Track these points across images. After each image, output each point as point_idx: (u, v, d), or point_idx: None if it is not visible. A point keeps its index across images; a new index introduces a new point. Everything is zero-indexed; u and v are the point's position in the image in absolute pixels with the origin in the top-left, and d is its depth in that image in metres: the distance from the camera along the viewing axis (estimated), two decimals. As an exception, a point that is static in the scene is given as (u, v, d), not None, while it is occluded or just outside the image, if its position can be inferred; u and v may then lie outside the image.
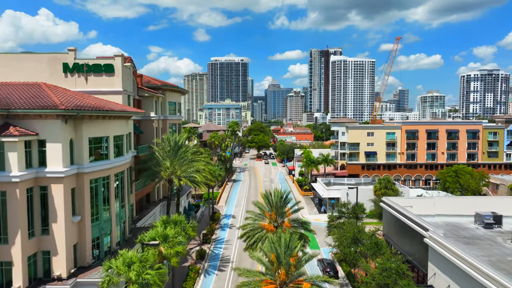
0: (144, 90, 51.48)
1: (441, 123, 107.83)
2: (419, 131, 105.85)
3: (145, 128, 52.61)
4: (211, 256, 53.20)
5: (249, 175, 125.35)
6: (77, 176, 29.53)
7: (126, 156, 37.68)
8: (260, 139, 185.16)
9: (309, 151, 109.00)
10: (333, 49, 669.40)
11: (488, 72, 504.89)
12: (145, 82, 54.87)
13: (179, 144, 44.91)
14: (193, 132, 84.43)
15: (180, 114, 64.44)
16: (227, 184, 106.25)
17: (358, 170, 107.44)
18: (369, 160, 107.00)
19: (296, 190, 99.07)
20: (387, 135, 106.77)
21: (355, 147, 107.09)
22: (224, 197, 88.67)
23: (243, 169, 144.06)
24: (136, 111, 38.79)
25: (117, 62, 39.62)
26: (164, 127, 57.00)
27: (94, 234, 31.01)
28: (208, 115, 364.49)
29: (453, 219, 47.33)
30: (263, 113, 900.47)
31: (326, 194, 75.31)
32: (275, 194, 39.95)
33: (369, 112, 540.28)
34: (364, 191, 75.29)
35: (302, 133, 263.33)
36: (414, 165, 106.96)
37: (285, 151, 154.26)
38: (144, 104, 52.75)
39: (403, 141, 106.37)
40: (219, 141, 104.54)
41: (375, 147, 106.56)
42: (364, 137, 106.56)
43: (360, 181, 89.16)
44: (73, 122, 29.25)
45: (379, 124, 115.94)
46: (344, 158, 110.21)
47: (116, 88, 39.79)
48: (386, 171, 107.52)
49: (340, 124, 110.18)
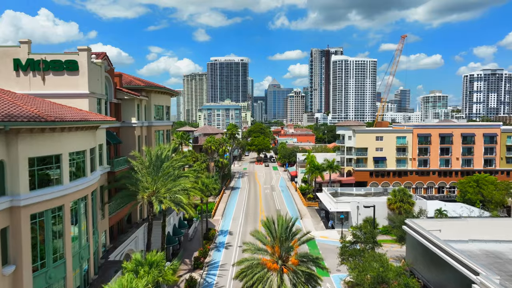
0: (124, 92, 43.64)
1: (456, 126, 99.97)
2: (432, 135, 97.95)
3: (125, 136, 44.77)
4: (203, 286, 45.35)
5: (248, 182, 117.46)
6: (11, 212, 21.66)
7: (92, 176, 29.86)
8: (260, 141, 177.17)
9: (312, 156, 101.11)
10: (333, 48, 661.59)
11: (491, 72, 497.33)
12: (125, 83, 47.04)
13: (162, 157, 37.03)
14: (185, 137, 76.64)
15: (169, 119, 56.57)
16: (225, 192, 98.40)
17: (366, 177, 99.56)
18: (378, 166, 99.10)
19: (299, 199, 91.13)
20: (397, 139, 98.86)
21: (363, 153, 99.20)
22: (220, 209, 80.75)
23: (242, 174, 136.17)
24: (103, 119, 30.90)
25: (82, 57, 31.79)
26: (149, 135, 49.14)
27: (38, 286, 23.15)
28: (207, 116, 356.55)
29: (492, 246, 39.49)
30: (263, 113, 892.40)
31: (334, 207, 67.39)
32: (279, 222, 32.14)
33: (371, 113, 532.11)
34: (377, 204, 67.33)
35: (304, 134, 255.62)
36: (426, 172, 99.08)
37: (287, 155, 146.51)
38: (124, 108, 44.93)
39: (414, 146, 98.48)
40: (216, 146, 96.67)
41: (385, 152, 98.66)
42: (373, 142, 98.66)
43: (370, 190, 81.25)
44: (4, 137, 21.39)
45: (388, 128, 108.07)
46: (350, 164, 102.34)
47: (81, 90, 31.96)
48: (396, 178, 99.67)
49: (347, 128, 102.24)
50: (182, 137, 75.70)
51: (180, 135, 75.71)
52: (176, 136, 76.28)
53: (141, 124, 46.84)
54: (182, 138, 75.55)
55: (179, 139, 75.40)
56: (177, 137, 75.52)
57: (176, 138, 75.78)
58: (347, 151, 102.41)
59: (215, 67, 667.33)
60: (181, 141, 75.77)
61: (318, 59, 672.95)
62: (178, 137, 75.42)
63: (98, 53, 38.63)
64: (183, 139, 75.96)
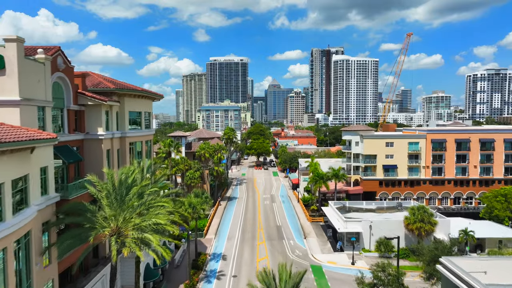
0: (87, 97, 35.02)
1: (474, 131, 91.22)
2: (447, 140, 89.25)
3: (90, 152, 36.15)
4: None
5: (246, 190, 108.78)
6: None
7: (19, 218, 21.28)
8: (260, 145, 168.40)
9: (316, 163, 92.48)
10: (334, 48, 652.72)
11: (495, 71, 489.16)
12: (92, 85, 38.41)
13: (128, 182, 28.38)
14: (174, 145, 67.95)
15: (150, 126, 47.89)
16: (220, 204, 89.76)
17: (375, 186, 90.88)
18: (388, 175, 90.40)
19: (302, 213, 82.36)
20: (409, 145, 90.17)
21: (372, 160, 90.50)
22: (214, 225, 72.02)
23: (240, 180, 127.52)
24: (33, 138, 22.17)
25: (9, 51, 23.15)
26: (123, 148, 40.47)
27: None
28: (206, 117, 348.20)
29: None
30: (263, 114, 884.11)
31: (343, 227, 58.68)
32: (281, 277, 23.44)
33: (373, 113, 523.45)
34: (392, 224, 58.87)
35: (305, 136, 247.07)
36: (441, 181, 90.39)
37: (288, 160, 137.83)
38: (89, 116, 36.28)
39: (428, 153, 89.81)
40: (210, 153, 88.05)
41: (395, 160, 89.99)
42: (382, 148, 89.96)
43: (382, 205, 72.58)
44: None
45: (399, 133, 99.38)
46: (357, 172, 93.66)
47: (9, 95, 23.34)
48: (408, 188, 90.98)
49: (353, 133, 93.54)
50: (170, 145, 67.02)
51: (168, 143, 66.99)
52: (163, 144, 67.60)
53: (111, 136, 38.16)
54: (170, 146, 66.93)
55: (166, 148, 66.70)
56: (164, 145, 66.81)
57: (164, 146, 67.09)
58: (354, 158, 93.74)
59: (214, 67, 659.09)
60: (169, 149, 67.20)
61: (318, 59, 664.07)
62: (165, 145, 66.70)
63: (48, 47, 30.10)
64: (172, 148, 67.33)
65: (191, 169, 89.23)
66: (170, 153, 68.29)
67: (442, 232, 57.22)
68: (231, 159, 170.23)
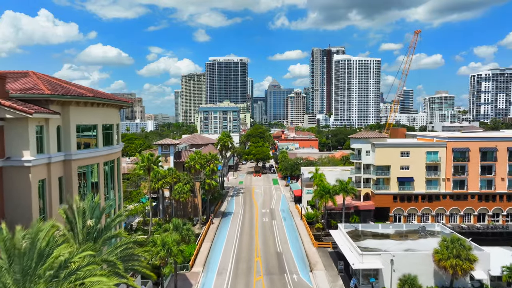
0: (4, 107, 24.34)
1: (501, 138, 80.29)
2: (471, 149, 78.52)
3: (10, 185, 25.48)
4: None
5: (243, 203, 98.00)
6: None
7: None
8: (259, 150, 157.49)
9: (321, 174, 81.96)
10: (335, 48, 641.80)
11: (500, 71, 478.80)
12: (23, 89, 27.75)
13: (36, 248, 17.64)
14: (154, 161, 56.89)
15: (115, 142, 37.07)
16: (213, 222, 78.97)
17: (389, 201, 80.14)
18: (403, 188, 79.63)
19: (306, 234, 71.39)
20: (427, 155, 79.38)
21: (385, 171, 79.76)
22: (203, 252, 61.10)
23: (237, 190, 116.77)
24: None
25: None
26: (68, 176, 29.77)
27: None
28: (204, 119, 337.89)
29: None
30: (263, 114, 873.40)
31: (358, 262, 47.92)
32: None
33: (375, 114, 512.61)
34: (418, 258, 48.15)
35: (306, 139, 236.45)
36: (463, 196, 79.62)
37: (289, 167, 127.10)
38: (10, 135, 25.62)
39: (448, 163, 79.06)
40: (201, 164, 77.36)
41: (412, 171, 79.23)
42: (397, 158, 79.20)
43: (401, 228, 61.83)
44: None
45: (415, 140, 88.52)
46: (368, 185, 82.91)
47: None
48: (426, 203, 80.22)
49: (364, 140, 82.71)
50: (150, 159, 56.05)
51: (147, 157, 56.01)
52: (141, 158, 56.64)
53: (47, 160, 27.46)
54: (150, 161, 55.96)
55: (145, 163, 55.74)
56: (143, 160, 55.79)
57: (141, 162, 56.09)
58: (364, 169, 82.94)
59: (213, 67, 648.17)
60: (148, 165, 56.19)
61: (319, 58, 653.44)
62: (144, 160, 55.69)
63: None
64: (152, 162, 56.34)
65: (180, 182, 78.67)
66: (149, 169, 57.38)
67: (481, 268, 46.53)
68: (228, 165, 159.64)
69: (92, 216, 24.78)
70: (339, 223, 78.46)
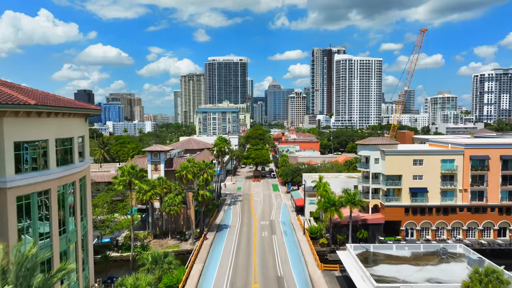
0: None
1: (524, 145, 73.27)
2: (491, 157, 71.35)
3: None
4: None
5: (241, 214, 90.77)
6: None
7: None
8: (258, 153, 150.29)
9: (325, 184, 74.93)
10: (336, 47, 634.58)
11: (503, 71, 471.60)
12: None
13: None
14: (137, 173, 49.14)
15: (75, 160, 29.83)
16: (206, 238, 71.71)
17: (400, 214, 72.96)
18: (416, 200, 72.45)
19: (311, 253, 63.99)
20: (442, 163, 72.20)
21: (395, 181, 72.59)
22: (194, 277, 53.63)
23: (235, 198, 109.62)
24: None
25: None
26: (2, 210, 22.58)
27: None
28: (202, 120, 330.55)
29: None
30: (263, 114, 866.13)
31: (373, 296, 40.72)
32: None
33: (376, 115, 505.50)
34: (444, 290, 40.92)
35: (307, 141, 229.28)
36: (482, 208, 72.47)
37: (290, 173, 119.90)
38: None
39: (466, 173, 71.88)
40: (194, 174, 70.21)
41: (425, 181, 72.06)
42: (409, 167, 72.01)
43: (418, 249, 54.62)
44: None
45: (429, 147, 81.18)
46: (377, 196, 75.73)
47: None
48: (441, 216, 73.03)
49: (372, 147, 75.48)
50: (130, 173, 48.56)
51: (127, 170, 48.46)
52: (121, 171, 49.07)
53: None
54: (131, 175, 48.48)
55: (125, 177, 48.19)
56: (123, 173, 48.24)
57: (121, 175, 48.54)
58: (373, 178, 75.77)
59: (213, 67, 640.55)
60: (128, 179, 48.79)
61: (320, 58, 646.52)
62: (124, 173, 48.11)
63: None
64: (133, 176, 48.86)
65: (170, 193, 71.58)
66: (130, 184, 50.05)
67: (518, 304, 39.30)
68: (226, 169, 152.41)
69: (19, 274, 17.60)
70: (345, 238, 71.48)
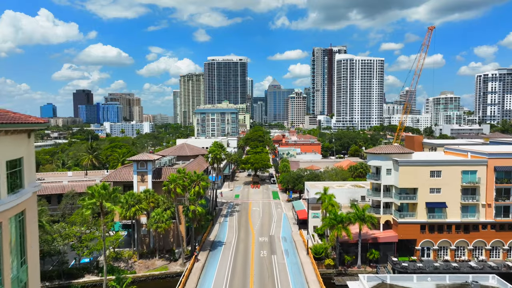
0: None
1: (555, 155, 65.32)
2: (518, 168, 63.54)
3: None
4: None
5: (237, 227, 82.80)
6: None
7: None
8: (258, 158, 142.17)
9: (331, 196, 67.32)
10: (337, 47, 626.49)
11: (507, 71, 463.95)
12: None
13: None
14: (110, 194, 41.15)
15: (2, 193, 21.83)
16: (198, 259, 63.71)
17: (415, 232, 64.99)
18: (433, 216, 64.46)
19: (316, 280, 55.98)
20: (463, 175, 64.22)
21: (410, 195, 64.66)
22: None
23: (232, 207, 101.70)
24: None
25: None
26: None
27: None
28: (201, 121, 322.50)
29: None
30: (263, 114, 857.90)
31: None
32: None
33: (378, 116, 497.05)
34: None
35: (308, 143, 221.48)
36: (509, 225, 64.56)
37: (291, 180, 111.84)
38: None
39: (490, 185, 63.98)
40: (183, 187, 62.31)
41: (444, 195, 64.11)
42: (426, 179, 64.05)
43: (443, 282, 46.61)
44: None
45: (442, 154, 73.11)
46: (389, 211, 67.76)
47: None
48: (462, 234, 65.07)
49: (383, 157, 67.49)
50: (102, 195, 40.36)
51: (98, 191, 40.38)
52: (91, 191, 40.83)
53: None
54: (102, 197, 40.53)
55: (95, 199, 40.16)
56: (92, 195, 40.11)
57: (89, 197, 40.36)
58: (385, 191, 67.77)
59: (212, 67, 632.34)
60: (100, 201, 40.77)
61: (320, 58, 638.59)
62: (95, 194, 40.01)
63: None
64: (106, 198, 40.83)
65: (158, 208, 63.68)
66: (102, 207, 42.12)
67: None
68: (224, 174, 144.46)
69: None
70: (354, 258, 63.67)
